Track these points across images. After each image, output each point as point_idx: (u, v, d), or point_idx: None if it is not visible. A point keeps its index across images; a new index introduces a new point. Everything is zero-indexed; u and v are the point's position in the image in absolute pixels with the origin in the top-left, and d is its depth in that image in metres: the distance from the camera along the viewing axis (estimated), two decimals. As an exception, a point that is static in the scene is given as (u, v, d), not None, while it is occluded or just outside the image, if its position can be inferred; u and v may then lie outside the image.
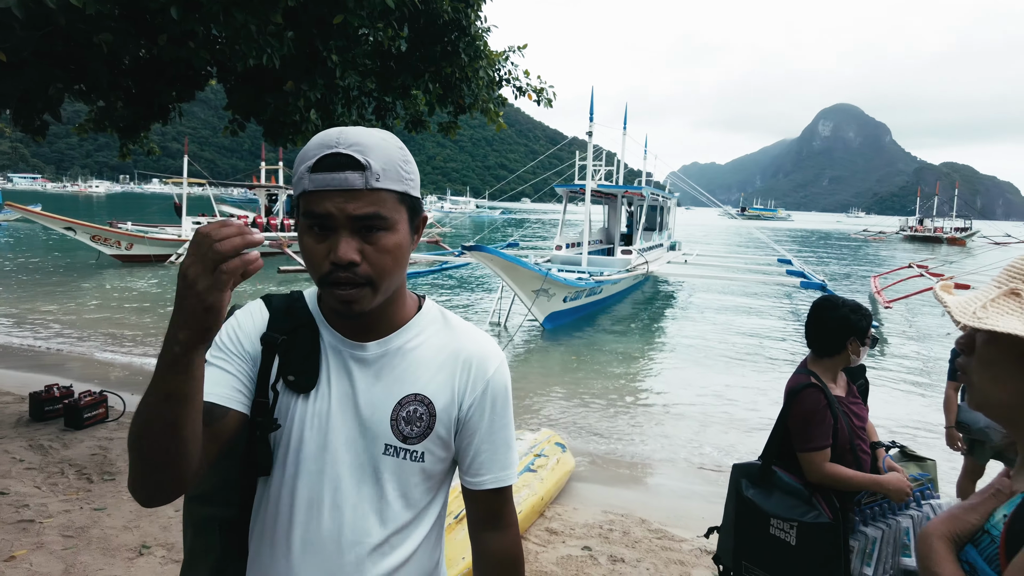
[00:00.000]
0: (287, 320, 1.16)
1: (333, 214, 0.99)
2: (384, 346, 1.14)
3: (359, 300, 1.02)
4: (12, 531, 3.63)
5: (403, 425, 1.11)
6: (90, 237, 20.51)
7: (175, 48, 3.37)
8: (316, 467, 1.10)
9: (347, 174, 0.98)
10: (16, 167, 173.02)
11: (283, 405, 1.12)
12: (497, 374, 1.20)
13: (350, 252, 1.00)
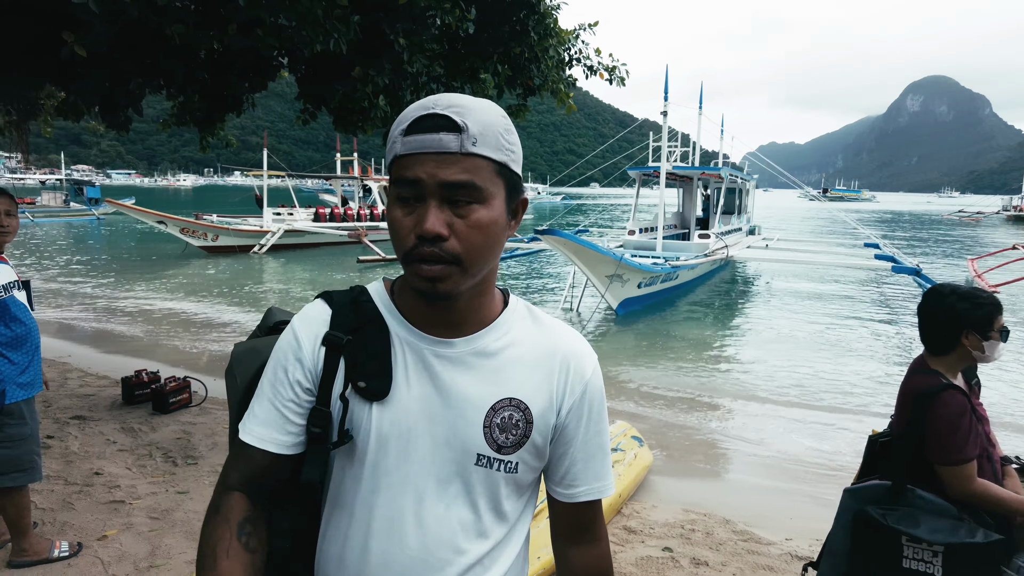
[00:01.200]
0: (352, 317, 1.03)
1: (423, 180, 0.88)
2: (473, 343, 1.01)
3: (445, 278, 0.90)
4: (104, 511, 3.78)
5: (497, 433, 0.99)
6: (179, 230, 21.60)
7: (244, 37, 3.35)
8: (397, 480, 0.98)
9: (442, 135, 0.88)
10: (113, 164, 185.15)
11: (354, 414, 0.99)
12: (595, 376, 1.08)
13: (438, 224, 0.88)
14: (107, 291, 14.10)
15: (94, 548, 3.36)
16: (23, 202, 39.97)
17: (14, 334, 3.14)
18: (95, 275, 16.51)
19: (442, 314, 1.00)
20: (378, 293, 1.07)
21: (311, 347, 1.01)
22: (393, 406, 0.98)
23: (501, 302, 1.08)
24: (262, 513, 1.02)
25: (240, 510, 1.00)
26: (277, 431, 1.00)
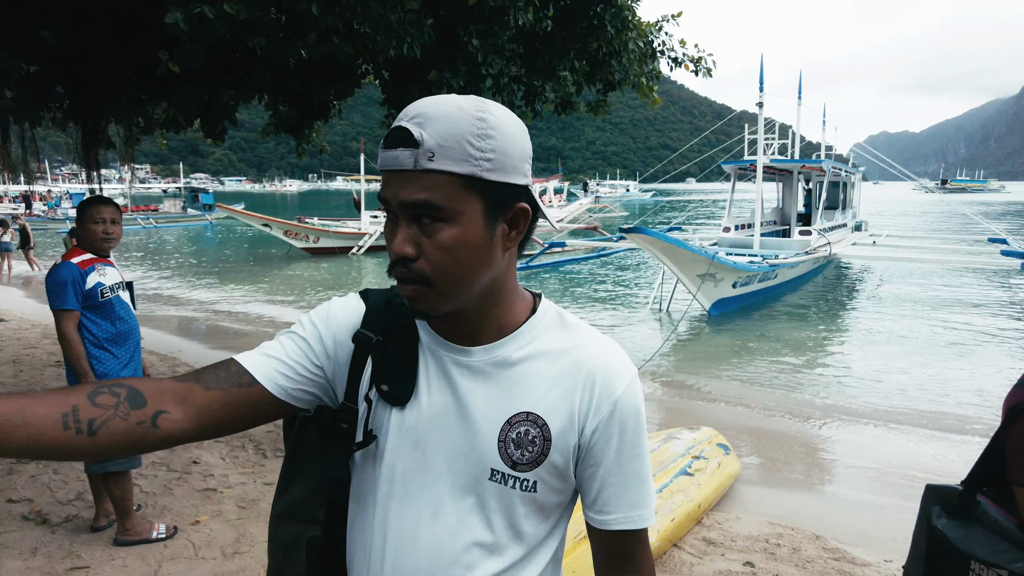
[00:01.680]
0: (385, 318, 1.00)
1: (388, 200, 0.87)
2: (490, 353, 0.96)
3: (419, 299, 0.89)
4: (199, 498, 4.03)
5: (512, 448, 0.94)
6: (283, 232, 22.86)
7: (322, 45, 3.47)
8: (414, 488, 0.95)
9: (398, 152, 0.83)
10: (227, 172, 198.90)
11: (377, 415, 0.98)
12: (627, 393, 0.97)
13: (404, 245, 0.86)
14: (217, 290, 15.13)
15: (187, 532, 3.58)
16: (148, 209, 43.70)
17: (118, 331, 3.39)
18: (207, 275, 17.76)
19: (456, 323, 0.97)
20: None
21: (344, 337, 1.00)
22: (413, 413, 0.96)
23: (528, 308, 1.01)
24: (168, 408, 0.88)
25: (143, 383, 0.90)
26: (271, 364, 0.96)
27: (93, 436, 0.83)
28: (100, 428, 0.84)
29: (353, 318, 1.02)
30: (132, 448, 0.88)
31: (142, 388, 0.89)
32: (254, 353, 0.98)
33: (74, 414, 0.82)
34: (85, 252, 3.30)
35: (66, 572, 3.17)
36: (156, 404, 0.89)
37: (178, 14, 2.95)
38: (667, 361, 8.99)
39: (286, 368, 0.97)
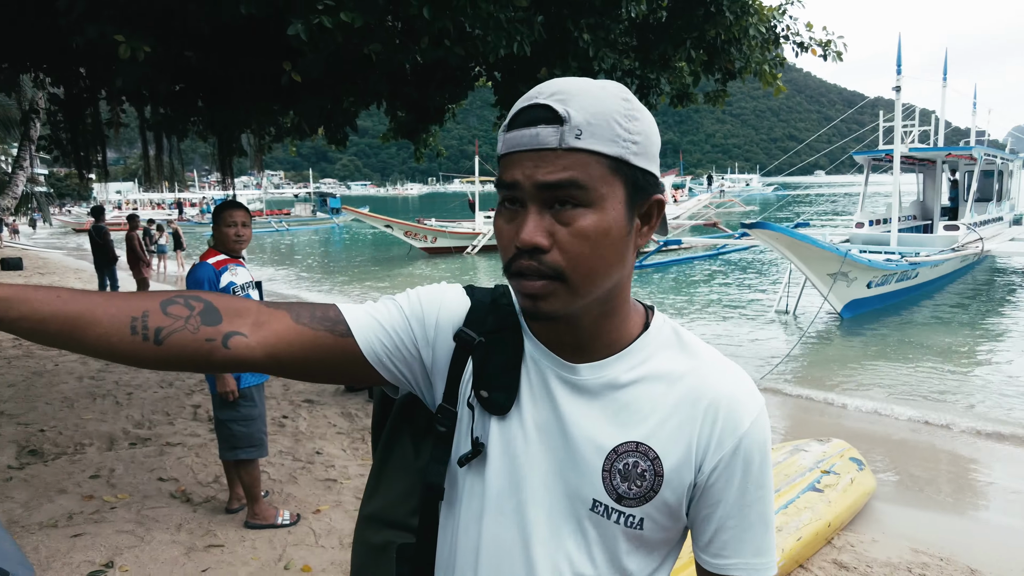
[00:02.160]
0: (489, 318, 0.93)
1: (519, 182, 0.77)
2: (599, 372, 0.87)
3: (546, 296, 0.78)
4: (320, 488, 4.23)
5: (618, 480, 0.84)
6: (403, 233, 23.87)
7: (434, 49, 3.53)
8: (509, 507, 0.88)
9: (539, 129, 0.75)
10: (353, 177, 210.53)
11: (476, 423, 0.91)
12: (754, 429, 0.86)
13: (535, 233, 0.76)
14: (344, 287, 16.02)
15: (309, 520, 3.77)
16: (281, 213, 47.12)
17: None
18: (335, 273, 18.86)
19: (563, 333, 0.87)
20: (515, 297, 0.95)
21: (447, 328, 0.93)
22: (512, 426, 0.89)
23: (640, 322, 0.91)
24: (244, 329, 0.85)
25: (224, 300, 0.87)
26: (372, 323, 0.91)
27: (159, 345, 0.81)
28: (166, 338, 0.81)
29: (458, 312, 0.95)
30: (198, 364, 0.85)
31: (220, 305, 0.86)
32: (358, 308, 0.93)
33: (143, 320, 0.81)
34: (219, 253, 3.55)
35: (204, 548, 3.43)
36: (231, 324, 0.85)
37: (299, 25, 3.10)
38: (794, 367, 8.44)
39: (385, 335, 0.91)
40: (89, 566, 3.23)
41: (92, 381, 6.54)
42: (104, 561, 3.28)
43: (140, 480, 4.25)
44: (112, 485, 4.17)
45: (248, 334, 0.85)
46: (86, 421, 5.31)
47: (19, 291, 0.78)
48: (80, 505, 3.88)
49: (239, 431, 3.52)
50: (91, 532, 3.56)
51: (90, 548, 3.40)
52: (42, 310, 0.77)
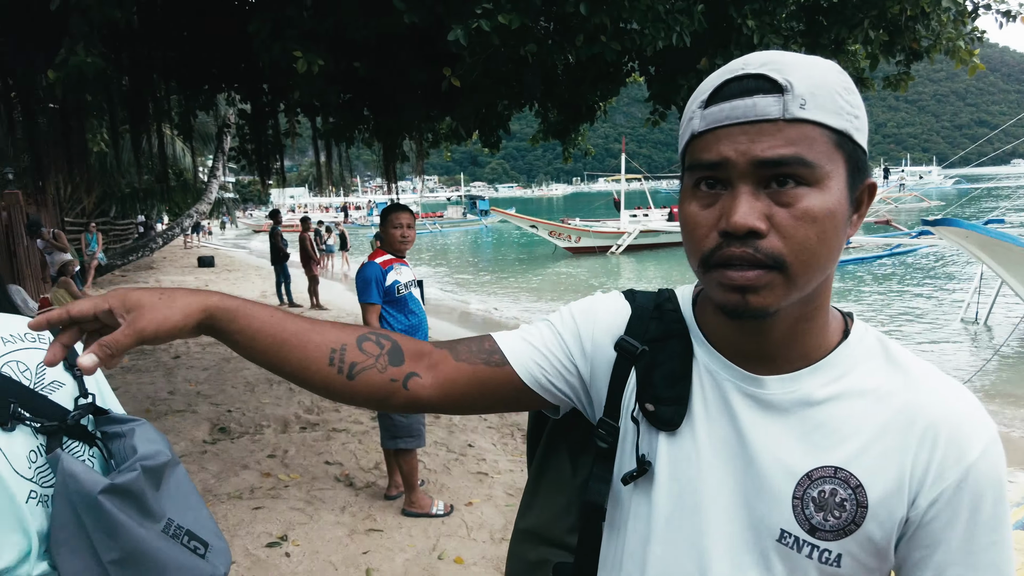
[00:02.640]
0: (653, 325, 0.86)
1: (730, 159, 0.68)
2: (790, 386, 0.77)
3: (760, 288, 0.69)
4: (472, 480, 4.35)
5: (811, 510, 0.74)
6: (548, 233, 24.16)
7: (589, 46, 3.48)
8: (680, 533, 0.81)
9: (756, 99, 0.67)
10: (500, 179, 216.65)
11: (643, 439, 0.84)
12: (985, 458, 0.72)
13: (751, 216, 0.67)
14: (492, 286, 16.49)
15: (462, 512, 3.88)
16: (434, 215, 49.61)
17: (410, 323, 3.79)
18: (483, 272, 19.47)
19: (751, 340, 0.78)
20: (684, 301, 0.88)
21: (605, 340, 0.88)
22: (684, 443, 0.81)
23: (839, 330, 0.80)
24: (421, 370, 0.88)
25: (406, 340, 0.90)
26: (526, 349, 0.89)
27: (351, 380, 0.84)
28: (358, 374, 0.85)
29: (617, 321, 0.89)
30: (380, 403, 0.88)
31: (404, 346, 0.88)
32: (512, 334, 0.92)
33: (341, 353, 0.84)
34: (386, 253, 3.75)
35: (365, 531, 3.64)
36: (412, 365, 0.87)
37: (459, 31, 3.19)
38: (988, 385, 7.43)
39: (540, 357, 0.89)
40: (267, 537, 3.55)
41: (271, 368, 7.23)
42: (280, 534, 3.58)
43: (309, 462, 4.61)
44: (286, 465, 4.56)
45: (423, 375, 0.88)
46: (264, 404, 5.87)
47: (244, 305, 0.82)
48: (260, 481, 4.28)
49: (400, 421, 3.69)
50: (268, 506, 3.91)
51: (268, 521, 3.73)
52: (259, 327, 0.81)
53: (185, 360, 7.58)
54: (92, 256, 13.58)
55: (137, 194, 18.65)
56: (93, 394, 1.06)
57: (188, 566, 1.00)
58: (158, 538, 0.96)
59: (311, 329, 0.84)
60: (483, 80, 3.76)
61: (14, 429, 0.90)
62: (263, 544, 3.48)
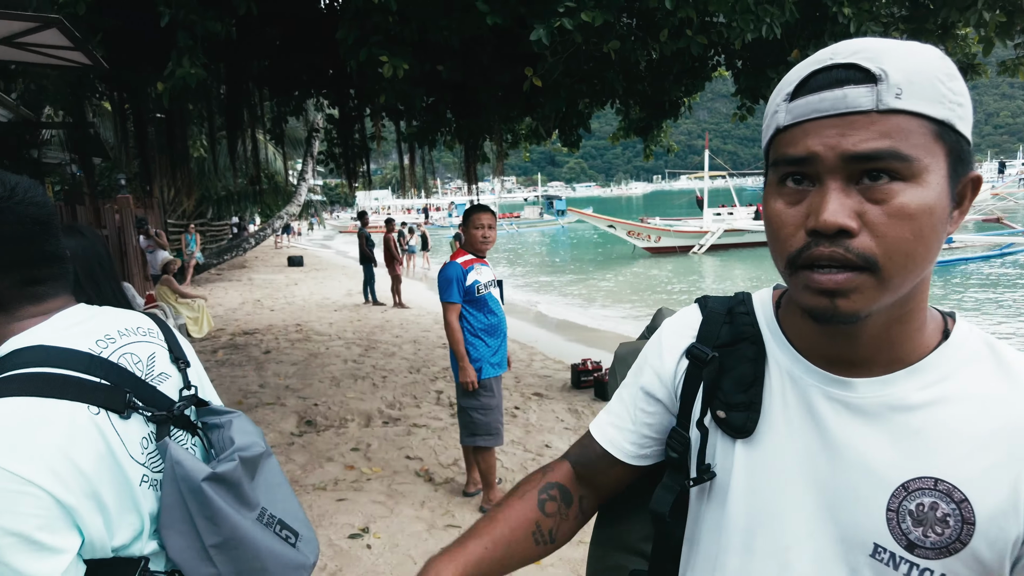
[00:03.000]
0: (723, 330, 0.85)
1: (818, 154, 0.65)
2: (881, 389, 0.72)
3: (850, 291, 0.65)
4: (549, 482, 4.34)
5: (909, 524, 0.69)
6: (626, 232, 23.84)
7: (674, 41, 3.40)
8: (762, 545, 0.77)
9: (847, 90, 0.63)
10: (578, 179, 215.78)
11: (717, 448, 0.82)
12: None
13: (841, 214, 0.63)
14: (570, 286, 16.42)
15: (538, 513, 3.87)
16: (511, 216, 49.96)
17: (490, 323, 3.82)
18: (561, 272, 19.42)
19: (839, 344, 0.73)
20: (762, 304, 0.85)
21: (673, 357, 0.88)
22: (762, 450, 0.77)
23: (938, 331, 0.75)
24: (580, 492, 0.97)
25: (559, 474, 0.97)
26: (622, 436, 0.92)
27: (554, 542, 0.94)
28: (557, 534, 0.94)
29: (686, 333, 0.88)
30: (573, 536, 0.97)
31: (562, 482, 0.96)
32: (605, 424, 0.95)
33: (539, 530, 0.93)
34: (467, 253, 3.78)
35: (444, 527, 3.69)
36: (575, 492, 0.96)
37: (541, 31, 3.18)
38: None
39: (635, 436, 0.92)
40: (350, 528, 3.66)
41: (354, 364, 7.47)
42: (362, 526, 3.69)
43: (391, 456, 4.72)
44: (368, 458, 4.69)
45: (587, 494, 0.98)
46: (349, 399, 6.07)
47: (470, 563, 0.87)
48: (343, 473, 4.43)
49: (478, 419, 3.73)
50: (351, 498, 4.03)
51: (350, 513, 3.84)
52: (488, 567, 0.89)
53: (275, 355, 7.95)
54: (191, 255, 14.49)
55: (232, 196, 19.75)
56: (196, 386, 1.12)
57: (281, 553, 1.05)
58: (254, 526, 1.02)
59: (511, 532, 0.91)
60: (564, 79, 3.73)
61: (129, 417, 0.97)
62: (346, 535, 3.58)
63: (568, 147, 5.56)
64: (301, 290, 14.80)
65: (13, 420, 0.85)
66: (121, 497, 0.92)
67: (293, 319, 10.74)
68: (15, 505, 0.81)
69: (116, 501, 0.92)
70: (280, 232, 25.24)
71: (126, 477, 0.93)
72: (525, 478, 0.99)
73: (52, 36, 4.02)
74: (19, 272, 0.96)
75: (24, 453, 0.83)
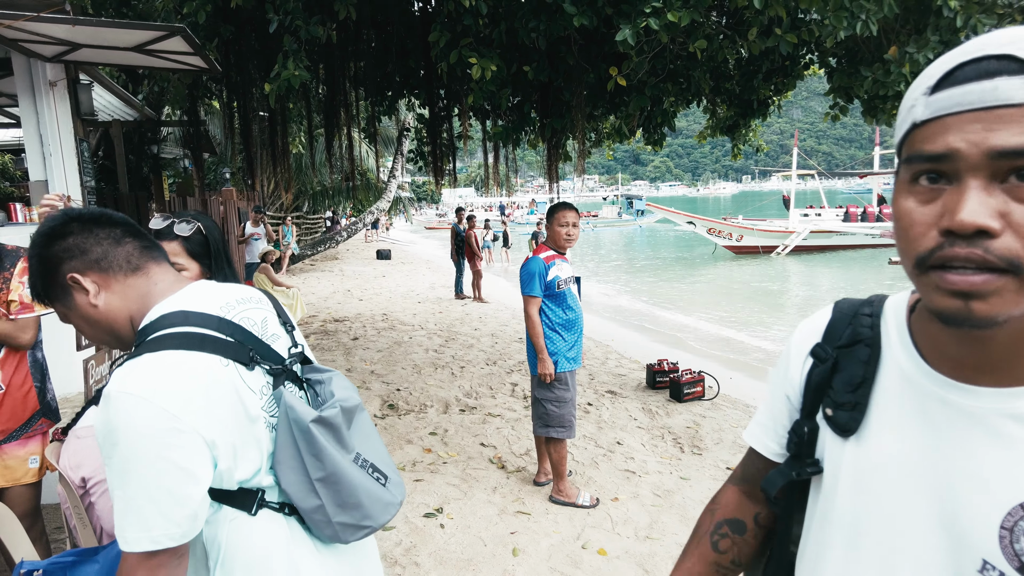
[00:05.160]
0: (847, 331, 0.85)
1: (959, 151, 0.62)
2: (1012, 402, 0.68)
3: (988, 294, 0.61)
4: (619, 477, 4.37)
5: (1023, 546, 0.66)
6: (707, 230, 23.26)
7: (763, 39, 3.35)
8: (863, 547, 0.77)
9: (997, 82, 0.60)
10: (663, 178, 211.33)
11: (827, 444, 0.84)
12: None
13: (982, 213, 0.60)
14: (649, 284, 16.21)
15: (607, 506, 3.92)
16: (590, 215, 49.62)
17: (567, 318, 3.90)
18: (639, 272, 19.18)
19: (969, 350, 0.70)
20: (894, 309, 0.84)
21: (800, 356, 0.91)
22: (872, 451, 0.78)
23: None
24: (754, 510, 1.02)
25: (727, 507, 1.03)
26: (767, 435, 0.96)
27: (742, 565, 1.02)
28: (742, 558, 1.02)
29: (815, 331, 0.91)
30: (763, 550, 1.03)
31: (728, 516, 1.03)
32: (753, 425, 1.00)
33: (720, 566, 1.02)
34: (549, 249, 3.88)
35: (514, 513, 3.81)
36: (746, 515, 1.02)
37: (627, 31, 3.22)
38: None
39: (776, 435, 0.95)
40: (425, 508, 3.84)
41: (435, 353, 7.73)
42: (436, 506, 3.86)
43: (466, 443, 4.89)
44: (445, 443, 4.88)
45: (759, 509, 1.02)
46: (429, 386, 6.30)
47: None
48: (421, 456, 4.63)
49: (552, 411, 3.82)
50: (428, 480, 4.21)
51: (427, 493, 4.03)
52: None
53: (362, 342, 8.33)
54: (287, 247, 15.31)
55: (326, 192, 20.67)
56: (302, 346, 1.31)
57: (373, 491, 1.21)
58: (351, 466, 1.18)
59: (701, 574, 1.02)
60: (649, 78, 3.76)
61: (253, 369, 1.15)
62: (421, 514, 3.77)
63: (652, 146, 5.55)
64: (388, 282, 15.35)
65: (168, 369, 1.03)
66: (245, 436, 1.09)
67: (380, 309, 11.19)
68: (172, 439, 0.99)
69: (241, 439, 1.09)
70: (370, 227, 26.19)
71: (250, 419, 1.10)
72: (697, 523, 1.07)
73: (176, 43, 4.42)
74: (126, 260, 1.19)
75: (178, 396, 1.01)
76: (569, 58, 4.27)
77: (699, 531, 1.05)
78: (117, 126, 8.77)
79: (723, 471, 4.48)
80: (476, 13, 3.74)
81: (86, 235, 1.15)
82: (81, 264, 1.15)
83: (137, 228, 1.23)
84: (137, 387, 0.99)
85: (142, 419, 0.97)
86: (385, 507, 1.22)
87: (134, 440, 0.96)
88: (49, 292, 1.18)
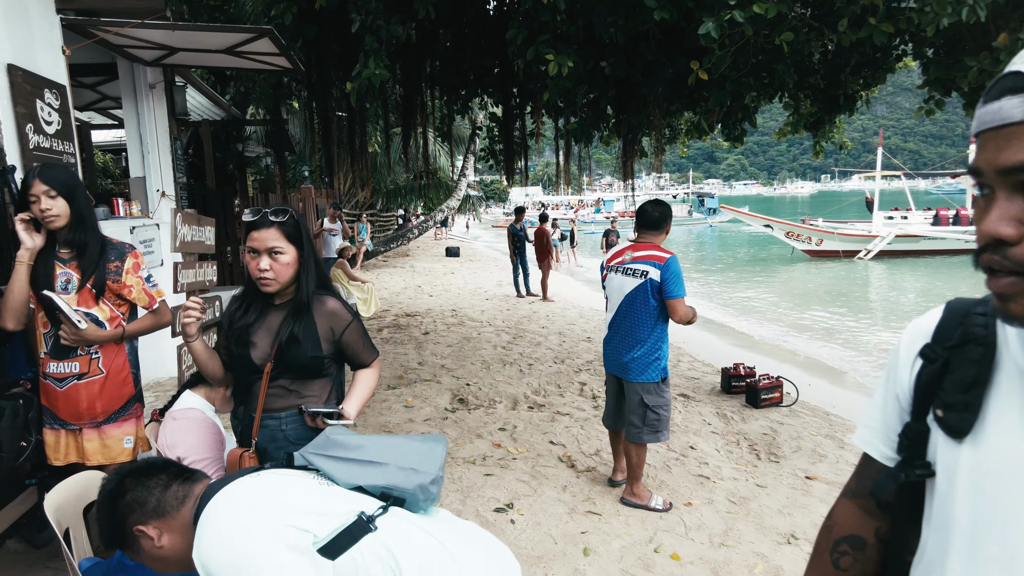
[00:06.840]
0: (959, 331, 0.84)
1: (979, 169, 0.68)
2: None
3: (1013, 296, 0.66)
4: (693, 482, 4.27)
5: None
6: (784, 233, 22.39)
7: (854, 31, 3.20)
8: (985, 553, 0.75)
9: (1002, 103, 0.63)
10: (737, 176, 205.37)
11: (939, 447, 0.82)
12: None
13: (998, 223, 0.65)
14: (722, 287, 15.79)
15: (680, 511, 3.83)
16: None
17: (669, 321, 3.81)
18: (711, 272, 18.71)
19: None
20: None
21: (909, 357, 0.89)
22: (989, 455, 0.75)
23: None
24: (875, 524, 0.98)
25: (844, 523, 1.01)
26: (876, 437, 0.94)
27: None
28: (866, 570, 1.00)
29: (925, 333, 0.89)
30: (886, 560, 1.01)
31: (847, 532, 1.01)
32: (861, 428, 0.98)
33: None
34: (659, 248, 3.77)
35: (584, 512, 3.78)
36: (866, 530, 1.00)
37: (710, 24, 3.14)
38: None
39: (885, 437, 0.94)
40: (495, 503, 3.86)
41: (504, 350, 7.77)
42: (506, 502, 3.88)
43: (535, 440, 4.89)
44: (514, 439, 4.89)
45: (880, 523, 1.00)
46: (498, 382, 6.34)
47: None
48: (491, 450, 4.66)
49: (664, 416, 3.73)
50: (497, 475, 4.24)
51: (496, 488, 4.05)
52: None
53: (433, 337, 8.48)
54: (362, 243, 15.74)
55: (399, 190, 21.14)
56: None
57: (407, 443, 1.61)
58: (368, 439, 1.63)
59: None
60: (731, 72, 3.65)
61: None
62: (491, 508, 3.79)
63: (731, 142, 5.38)
64: (457, 279, 15.56)
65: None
66: None
67: (449, 305, 11.35)
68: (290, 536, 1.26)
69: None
70: (439, 224, 26.59)
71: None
72: (816, 541, 1.06)
73: (263, 44, 4.60)
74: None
75: (272, 507, 1.30)
76: (648, 53, 4.20)
77: (818, 549, 1.04)
78: (206, 125, 9.24)
79: (801, 480, 4.32)
80: (554, 9, 3.72)
81: (140, 488, 1.37)
82: (142, 516, 1.35)
83: (178, 466, 1.45)
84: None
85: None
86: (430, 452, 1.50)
87: None
88: (122, 544, 1.38)
